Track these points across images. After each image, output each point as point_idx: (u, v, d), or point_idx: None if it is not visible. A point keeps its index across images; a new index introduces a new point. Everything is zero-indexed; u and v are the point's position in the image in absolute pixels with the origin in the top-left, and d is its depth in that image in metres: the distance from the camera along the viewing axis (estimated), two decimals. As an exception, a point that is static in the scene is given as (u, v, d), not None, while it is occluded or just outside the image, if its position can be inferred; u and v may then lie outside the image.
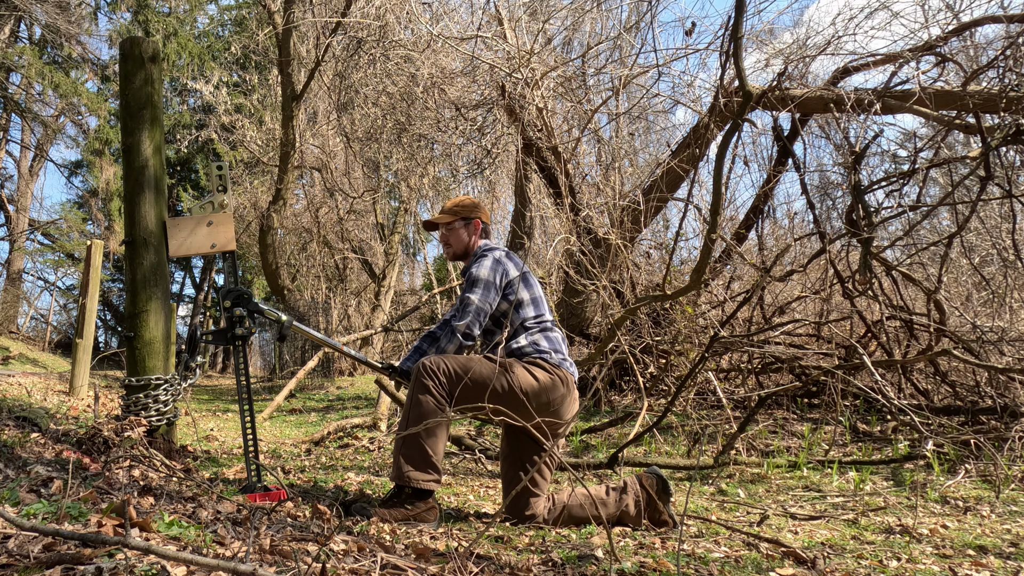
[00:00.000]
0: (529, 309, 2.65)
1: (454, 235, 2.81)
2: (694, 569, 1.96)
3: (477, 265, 2.63)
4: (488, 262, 2.63)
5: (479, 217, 2.82)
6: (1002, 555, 2.27)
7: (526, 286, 2.68)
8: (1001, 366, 4.08)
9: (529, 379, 2.49)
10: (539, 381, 2.50)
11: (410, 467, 2.38)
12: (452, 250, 2.82)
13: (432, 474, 2.40)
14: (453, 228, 2.80)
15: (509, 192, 10.70)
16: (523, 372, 2.50)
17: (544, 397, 2.50)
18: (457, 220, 2.80)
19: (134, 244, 2.69)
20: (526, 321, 2.63)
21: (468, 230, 2.81)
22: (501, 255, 2.68)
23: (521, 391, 2.46)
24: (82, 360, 5.85)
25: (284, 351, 12.92)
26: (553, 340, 2.64)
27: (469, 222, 2.80)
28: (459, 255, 2.83)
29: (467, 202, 2.84)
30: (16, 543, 1.34)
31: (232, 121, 12.52)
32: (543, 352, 2.58)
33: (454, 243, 2.81)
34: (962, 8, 4.85)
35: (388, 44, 6.45)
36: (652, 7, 5.54)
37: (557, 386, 2.53)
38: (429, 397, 2.41)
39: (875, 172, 6.64)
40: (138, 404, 2.63)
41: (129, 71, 2.79)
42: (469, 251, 2.82)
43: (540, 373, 2.52)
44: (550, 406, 2.53)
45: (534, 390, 2.49)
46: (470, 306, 2.56)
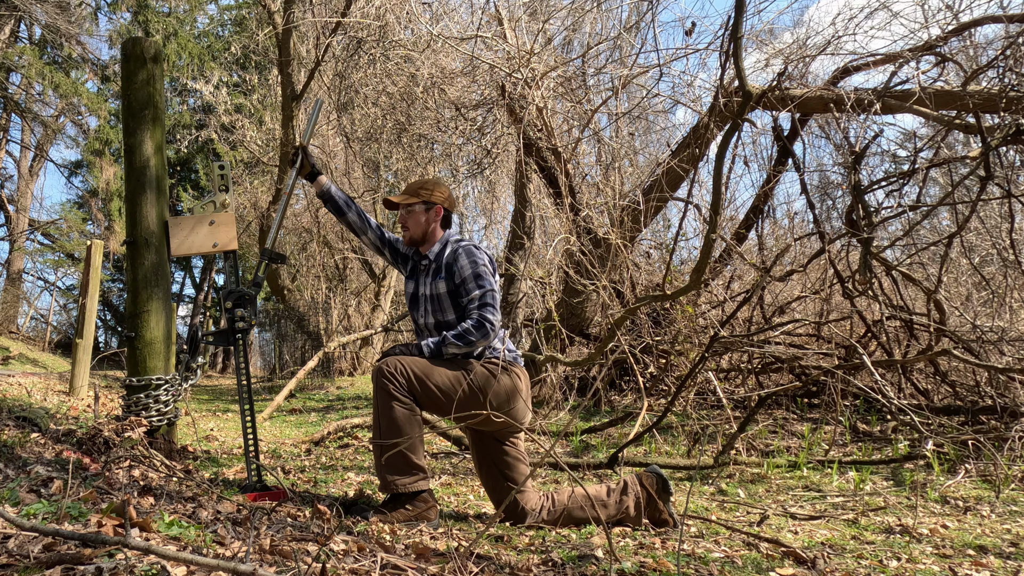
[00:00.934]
0: None
1: (413, 218, 2.66)
2: (694, 569, 1.96)
3: (480, 261, 2.56)
4: (481, 259, 2.56)
5: (442, 204, 2.68)
6: (1002, 555, 2.27)
7: None
8: (1001, 366, 4.09)
9: (486, 375, 2.48)
10: (498, 380, 2.49)
11: (395, 475, 2.39)
12: (409, 234, 2.68)
13: (417, 474, 2.40)
14: (413, 211, 2.66)
15: (509, 192, 10.69)
16: (480, 369, 2.49)
17: (503, 394, 2.49)
18: (418, 203, 2.65)
19: (135, 244, 2.69)
20: None
21: (429, 215, 2.66)
22: (484, 255, 2.61)
23: (480, 390, 2.46)
24: (82, 360, 5.85)
25: (284, 351, 12.93)
26: (507, 340, 2.63)
27: (431, 207, 2.66)
28: (416, 240, 2.69)
29: (430, 184, 2.69)
30: (16, 543, 1.34)
31: (232, 121, 12.51)
32: (496, 351, 2.57)
33: (412, 227, 2.67)
34: (962, 8, 4.85)
35: (388, 44, 6.45)
36: (652, 7, 5.54)
37: (516, 383, 2.53)
38: (394, 403, 2.39)
39: (875, 172, 6.65)
40: (139, 404, 2.63)
41: (131, 71, 2.80)
42: (428, 238, 2.68)
43: (497, 371, 2.51)
44: (508, 398, 2.50)
45: (495, 389, 2.48)
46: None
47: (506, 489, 2.56)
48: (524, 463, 2.63)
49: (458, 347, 2.46)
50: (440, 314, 2.60)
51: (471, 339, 2.45)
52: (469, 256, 2.55)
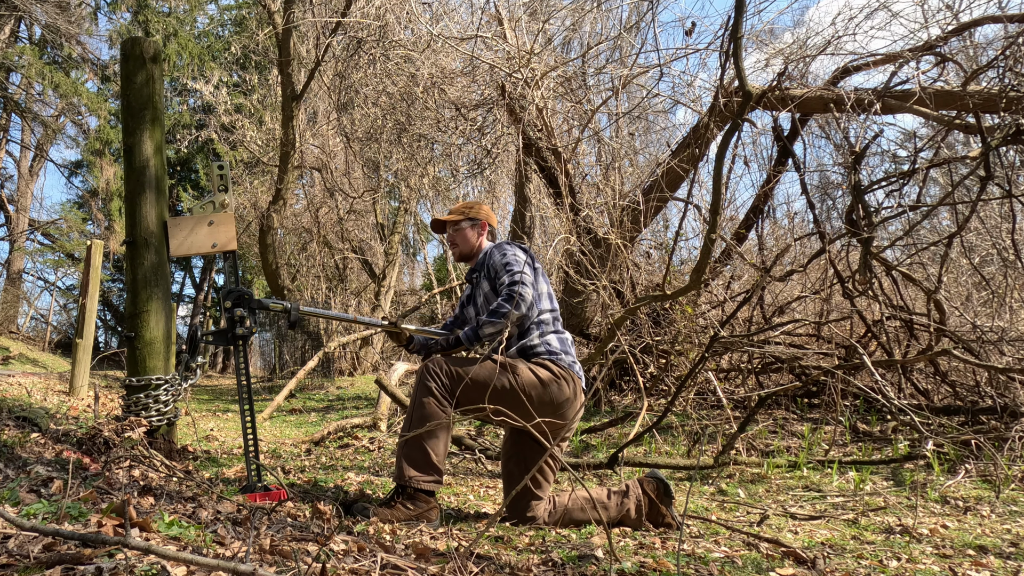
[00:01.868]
0: (545, 302, 2.64)
1: (461, 235, 2.83)
2: (694, 569, 1.96)
3: (509, 251, 2.62)
4: (511, 250, 2.63)
5: (487, 220, 2.85)
6: (1002, 555, 2.27)
7: (539, 280, 2.67)
8: (1001, 366, 4.09)
9: (532, 378, 2.48)
10: (542, 380, 2.48)
11: (412, 468, 2.39)
12: (459, 250, 2.84)
13: (433, 475, 2.41)
14: (460, 228, 2.83)
15: (509, 192, 10.70)
16: (526, 370, 2.49)
17: (547, 396, 2.48)
18: (464, 220, 2.82)
19: (135, 244, 2.69)
20: (542, 314, 2.61)
21: (475, 231, 2.83)
22: (517, 248, 2.68)
23: (523, 390, 2.45)
24: (82, 360, 5.85)
25: (284, 351, 12.93)
26: (564, 341, 2.63)
27: (476, 223, 2.83)
28: (465, 256, 2.85)
29: (474, 204, 2.87)
30: (16, 543, 1.34)
31: (232, 121, 12.52)
32: (554, 353, 2.57)
33: (460, 243, 2.83)
34: (962, 8, 4.85)
35: (388, 44, 6.45)
36: (652, 7, 5.54)
37: (563, 387, 2.51)
38: (431, 399, 2.42)
39: (875, 172, 6.65)
40: (139, 404, 2.63)
41: (130, 71, 2.80)
42: (475, 252, 2.83)
43: (544, 373, 2.50)
44: (553, 406, 2.50)
45: (537, 389, 2.47)
46: (525, 279, 2.51)
47: (527, 488, 2.55)
48: (552, 471, 2.64)
49: (491, 325, 2.49)
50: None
51: (502, 311, 2.49)
52: (499, 251, 2.67)
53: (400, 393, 4.51)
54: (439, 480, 2.42)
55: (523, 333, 2.59)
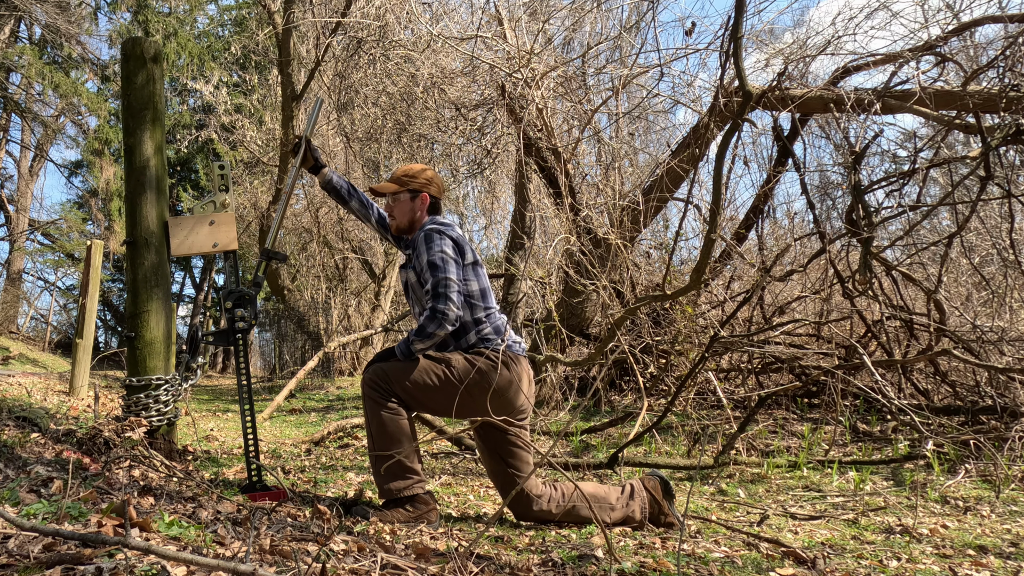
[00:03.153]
0: (478, 299, 2.52)
1: (399, 207, 2.65)
2: (694, 569, 1.96)
3: (436, 245, 2.45)
4: (449, 247, 2.47)
5: (427, 191, 2.65)
6: (1002, 555, 2.27)
7: (476, 275, 2.54)
8: (1001, 366, 4.09)
9: (467, 367, 2.42)
10: (480, 369, 2.41)
11: (390, 481, 2.40)
12: (396, 223, 2.67)
13: (412, 478, 2.41)
14: (399, 199, 2.65)
15: (509, 192, 10.69)
16: (461, 360, 2.43)
17: (487, 383, 2.41)
18: (404, 192, 2.64)
19: (135, 244, 2.69)
20: (475, 312, 2.50)
21: (415, 204, 2.64)
22: (458, 237, 2.52)
23: (461, 380, 2.40)
24: (82, 360, 5.85)
25: (284, 351, 12.93)
26: (499, 329, 2.52)
27: (416, 195, 2.64)
28: (403, 229, 2.67)
29: (416, 171, 2.66)
30: (16, 543, 1.34)
31: (232, 121, 12.52)
32: (489, 341, 2.49)
33: (398, 215, 2.66)
34: (962, 8, 4.85)
35: (388, 44, 6.45)
36: (652, 7, 5.54)
37: (502, 372, 2.43)
38: (382, 411, 2.41)
39: (875, 172, 6.64)
40: (139, 404, 2.63)
41: (131, 71, 2.79)
42: (415, 225, 2.65)
43: (481, 361, 2.43)
44: (497, 392, 2.43)
45: (475, 378, 2.41)
46: (451, 288, 2.39)
47: (509, 476, 2.52)
48: (527, 451, 2.58)
49: (420, 342, 2.41)
50: (420, 304, 2.56)
51: (428, 331, 2.39)
52: (427, 243, 2.47)
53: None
54: (420, 479, 2.42)
55: (457, 333, 2.50)
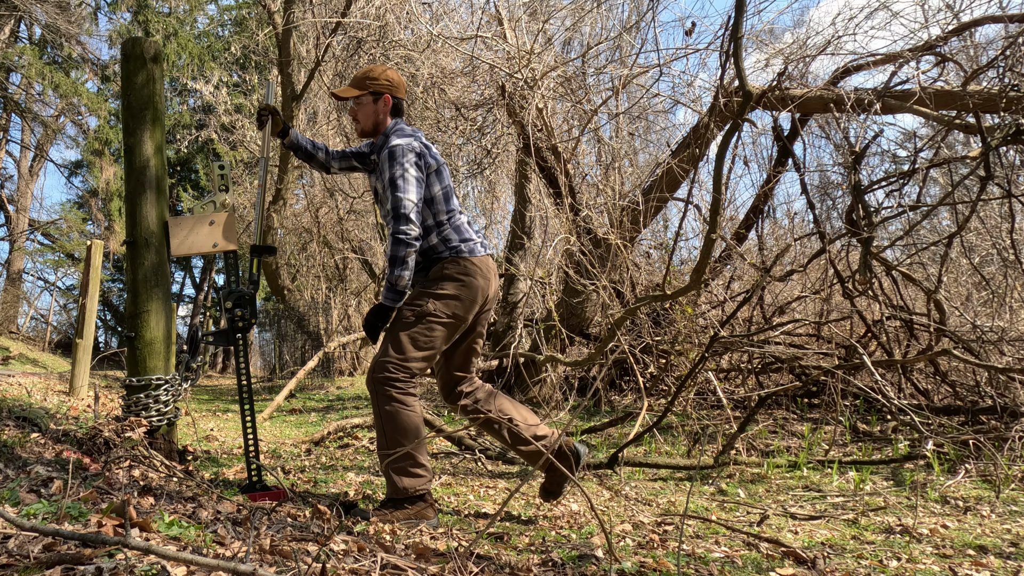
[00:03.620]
0: (441, 204, 2.55)
1: (363, 111, 2.63)
2: (694, 569, 1.96)
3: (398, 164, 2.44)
4: (412, 157, 2.47)
5: (390, 92, 2.63)
6: (1002, 555, 2.27)
7: (438, 179, 2.56)
8: (1001, 366, 4.09)
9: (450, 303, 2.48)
10: (455, 295, 2.49)
11: (404, 477, 2.41)
12: (360, 126, 2.67)
13: (424, 476, 2.43)
14: (361, 103, 2.64)
15: (509, 192, 10.70)
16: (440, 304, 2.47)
17: (468, 298, 2.50)
18: (365, 95, 2.62)
19: (135, 244, 2.69)
20: (438, 215, 2.54)
21: (378, 106, 2.62)
22: (419, 146, 2.52)
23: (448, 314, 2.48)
24: (82, 360, 5.85)
25: (284, 351, 12.93)
26: (460, 229, 2.56)
27: (379, 97, 2.62)
28: (367, 132, 2.67)
29: (377, 72, 2.64)
30: (16, 543, 1.34)
31: (232, 121, 12.52)
32: (453, 247, 2.52)
33: (362, 119, 2.65)
34: (962, 8, 4.85)
35: (388, 44, 6.45)
36: (652, 7, 5.54)
37: (472, 282, 2.51)
38: (393, 404, 2.42)
39: (875, 172, 6.65)
40: (138, 404, 2.63)
41: (131, 71, 2.79)
42: (379, 128, 2.65)
43: (450, 286, 2.48)
44: (474, 303, 2.53)
45: (456, 301, 2.49)
46: (409, 210, 2.40)
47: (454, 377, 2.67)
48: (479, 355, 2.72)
49: (398, 274, 2.42)
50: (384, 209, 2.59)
51: (398, 256, 2.41)
52: (390, 160, 2.47)
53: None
54: (430, 477, 2.46)
55: (424, 232, 2.53)
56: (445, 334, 2.50)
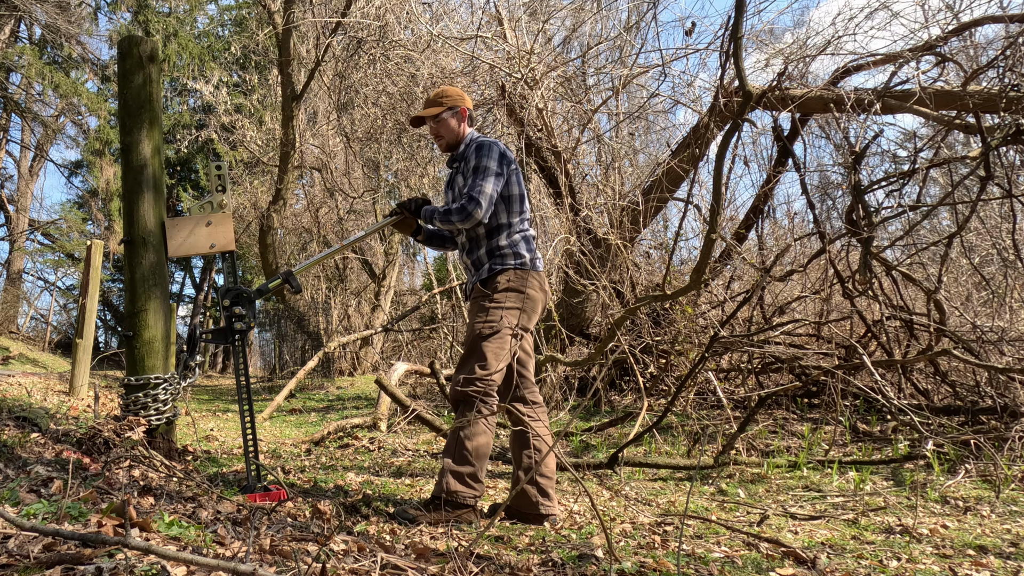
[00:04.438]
0: (516, 204, 2.70)
1: (444, 126, 2.77)
2: (694, 569, 1.96)
3: (485, 155, 2.63)
4: (496, 153, 2.64)
5: (464, 105, 2.79)
6: (1002, 555, 2.27)
7: (517, 181, 2.72)
8: (1001, 366, 4.08)
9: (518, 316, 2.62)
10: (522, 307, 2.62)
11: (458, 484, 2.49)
12: (444, 141, 2.80)
13: (476, 490, 2.52)
14: (442, 119, 2.77)
15: (509, 192, 10.67)
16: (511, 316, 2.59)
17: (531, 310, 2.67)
18: (444, 111, 2.77)
19: (133, 243, 2.69)
20: (512, 216, 2.69)
21: (456, 119, 2.78)
22: (504, 148, 2.71)
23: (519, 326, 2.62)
24: (82, 360, 5.85)
25: (284, 351, 12.93)
26: (529, 240, 2.73)
27: (456, 111, 2.77)
28: (452, 146, 2.81)
29: (451, 91, 2.81)
30: (16, 543, 1.34)
31: (232, 121, 12.52)
32: (520, 257, 2.66)
33: (445, 134, 2.79)
34: (962, 8, 4.85)
35: (388, 44, 6.45)
36: (652, 7, 5.54)
37: (533, 295, 2.66)
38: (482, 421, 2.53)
39: (875, 172, 6.65)
40: (137, 403, 2.63)
41: (127, 70, 2.79)
42: (459, 140, 2.80)
43: (516, 298, 2.61)
44: (536, 313, 2.71)
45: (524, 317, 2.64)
46: (485, 195, 2.57)
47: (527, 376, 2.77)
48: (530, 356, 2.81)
49: (440, 218, 2.62)
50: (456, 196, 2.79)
51: (451, 217, 2.60)
52: (478, 151, 2.67)
53: (400, 393, 4.51)
54: (480, 493, 2.53)
55: (491, 232, 2.68)
56: (513, 345, 2.64)
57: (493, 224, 2.67)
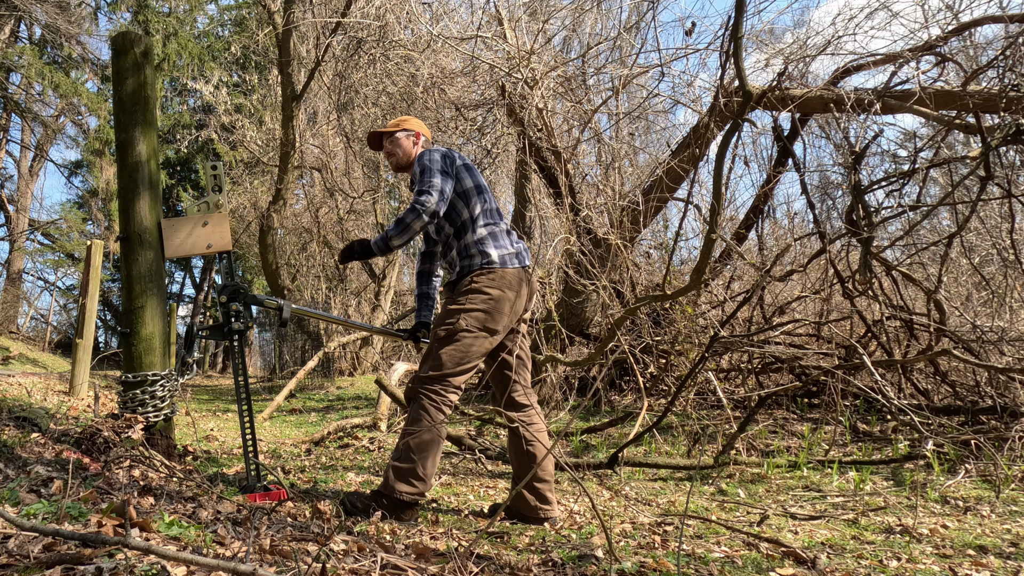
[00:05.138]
0: (475, 198, 2.70)
1: (396, 144, 2.87)
2: (694, 569, 1.96)
3: (426, 158, 2.67)
4: (437, 155, 2.69)
5: (420, 131, 2.91)
6: (1002, 555, 2.27)
7: (469, 174, 2.73)
8: (1001, 366, 4.08)
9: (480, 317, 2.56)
10: (485, 308, 2.57)
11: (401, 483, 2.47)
12: (396, 159, 2.88)
13: (420, 488, 2.50)
14: (395, 138, 2.88)
15: (509, 192, 10.69)
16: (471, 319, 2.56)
17: (501, 309, 2.59)
18: (400, 131, 2.88)
19: (129, 240, 2.69)
20: (474, 210, 2.69)
21: (410, 140, 2.88)
22: (448, 151, 2.75)
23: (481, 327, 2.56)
24: (82, 360, 5.85)
25: (284, 351, 12.93)
26: (497, 236, 2.69)
27: (410, 133, 2.89)
28: (402, 166, 2.89)
29: (413, 121, 2.94)
30: (16, 543, 1.34)
31: (232, 121, 12.52)
32: (486, 256, 2.63)
33: (399, 152, 2.87)
34: (962, 8, 4.85)
35: (388, 44, 6.45)
36: (652, 7, 5.54)
37: (504, 294, 2.60)
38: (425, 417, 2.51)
39: (875, 172, 6.65)
40: (135, 400, 2.63)
41: (121, 67, 2.79)
42: (410, 161, 2.88)
43: (479, 299, 2.57)
44: (511, 312, 2.63)
45: (487, 318, 2.57)
46: (432, 185, 2.58)
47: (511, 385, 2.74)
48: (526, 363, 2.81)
49: (397, 235, 2.59)
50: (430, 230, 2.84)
51: (405, 221, 2.58)
52: (419, 160, 2.72)
53: (400, 393, 4.51)
54: (424, 490, 2.51)
55: (459, 232, 2.69)
56: (480, 348, 2.57)
57: (457, 223, 2.69)
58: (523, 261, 2.72)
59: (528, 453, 2.68)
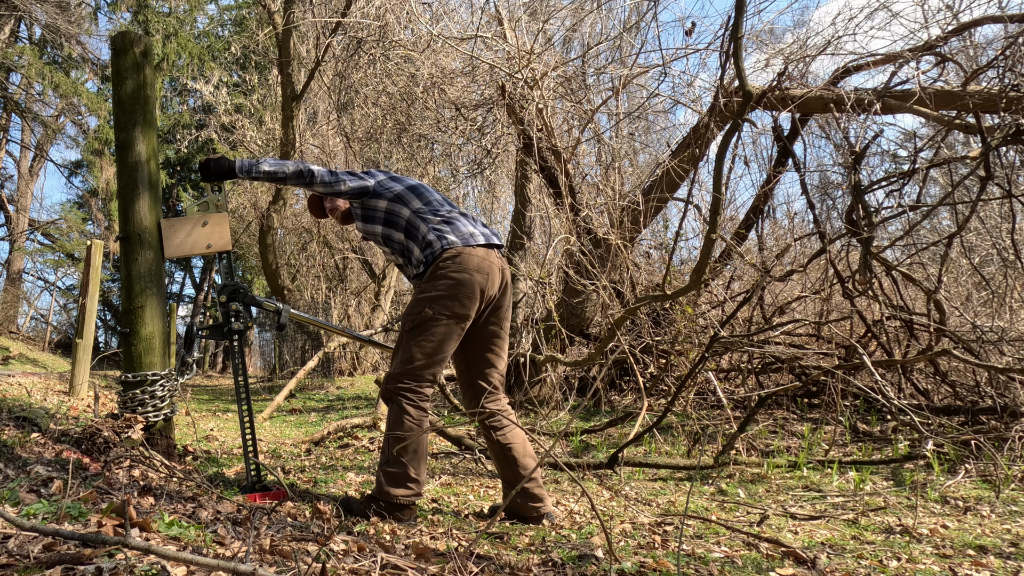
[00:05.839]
0: (411, 195, 2.68)
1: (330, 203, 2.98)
2: (694, 569, 1.96)
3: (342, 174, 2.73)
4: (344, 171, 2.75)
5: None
6: (1002, 555, 2.27)
7: (398, 180, 2.74)
8: (1001, 366, 4.08)
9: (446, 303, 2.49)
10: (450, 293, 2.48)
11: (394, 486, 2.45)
12: (340, 212, 2.96)
13: (414, 489, 2.48)
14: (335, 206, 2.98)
15: (509, 192, 10.70)
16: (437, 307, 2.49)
17: (464, 295, 2.49)
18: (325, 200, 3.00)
19: (129, 240, 2.69)
20: (412, 204, 2.66)
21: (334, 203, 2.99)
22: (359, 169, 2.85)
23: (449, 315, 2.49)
24: (82, 360, 5.85)
25: (284, 351, 12.93)
26: (454, 222, 2.62)
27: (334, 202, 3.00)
28: (346, 215, 2.96)
29: None
30: (16, 543, 1.34)
31: (232, 121, 12.52)
32: (444, 239, 2.55)
33: (340, 206, 2.97)
34: (962, 8, 4.85)
35: (388, 44, 6.45)
36: (652, 7, 5.54)
37: (464, 281, 2.50)
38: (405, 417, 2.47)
39: (875, 172, 6.66)
40: (135, 400, 2.63)
41: (121, 67, 2.79)
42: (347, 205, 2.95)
43: (442, 285, 2.49)
44: (472, 298, 2.51)
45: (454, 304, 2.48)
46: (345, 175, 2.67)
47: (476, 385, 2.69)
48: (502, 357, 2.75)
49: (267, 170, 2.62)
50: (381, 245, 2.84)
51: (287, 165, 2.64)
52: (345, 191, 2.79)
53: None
54: (419, 492, 2.48)
55: (408, 233, 2.64)
56: (450, 335, 2.51)
57: (402, 224, 2.64)
58: (489, 239, 2.62)
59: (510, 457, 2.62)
